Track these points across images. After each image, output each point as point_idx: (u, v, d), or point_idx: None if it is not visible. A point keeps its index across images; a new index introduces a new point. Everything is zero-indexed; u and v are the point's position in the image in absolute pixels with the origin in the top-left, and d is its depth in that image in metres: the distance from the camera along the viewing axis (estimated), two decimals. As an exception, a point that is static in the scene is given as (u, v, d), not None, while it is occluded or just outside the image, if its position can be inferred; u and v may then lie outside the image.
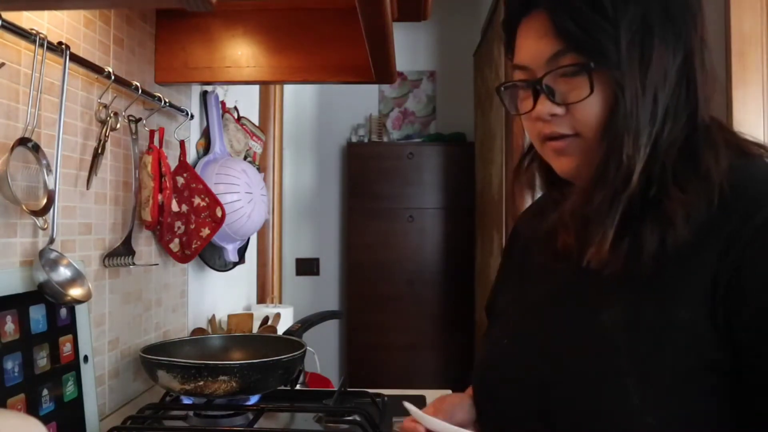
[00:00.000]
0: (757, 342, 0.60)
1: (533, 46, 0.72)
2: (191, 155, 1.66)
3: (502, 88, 0.77)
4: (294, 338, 1.41)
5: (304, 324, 1.66)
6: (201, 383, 1.15)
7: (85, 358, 1.10)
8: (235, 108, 1.94)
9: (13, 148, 0.91)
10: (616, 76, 0.68)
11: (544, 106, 0.72)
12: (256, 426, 1.15)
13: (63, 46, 1.01)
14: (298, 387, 1.52)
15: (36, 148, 0.96)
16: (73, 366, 1.07)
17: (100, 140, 1.18)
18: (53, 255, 1.00)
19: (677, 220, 0.65)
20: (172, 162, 1.47)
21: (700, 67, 0.70)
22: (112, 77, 1.14)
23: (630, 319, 0.66)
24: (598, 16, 0.68)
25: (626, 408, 0.63)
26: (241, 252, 1.90)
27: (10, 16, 0.90)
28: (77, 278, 1.03)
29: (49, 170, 0.98)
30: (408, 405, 0.80)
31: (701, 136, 0.69)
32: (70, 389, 1.05)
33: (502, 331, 0.84)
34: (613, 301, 0.68)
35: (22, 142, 0.93)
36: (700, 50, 0.71)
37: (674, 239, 0.65)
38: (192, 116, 1.57)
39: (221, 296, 1.99)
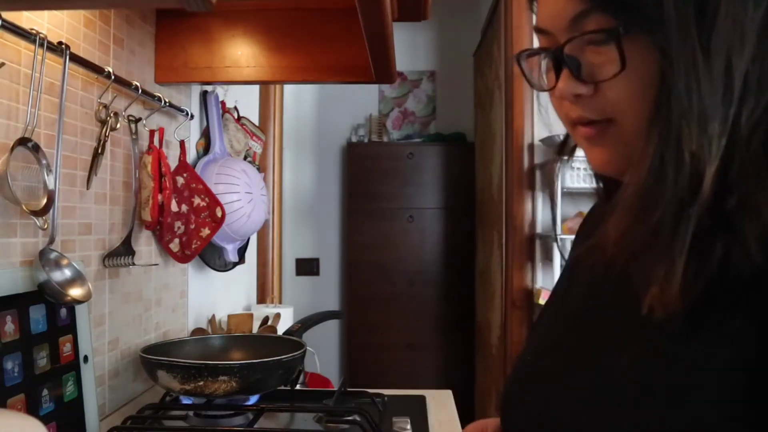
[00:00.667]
0: None
1: (552, 4, 0.54)
2: (191, 155, 1.66)
3: (522, 57, 0.59)
4: (294, 338, 1.41)
5: (304, 324, 1.66)
6: (201, 383, 1.15)
7: (85, 358, 1.10)
8: (235, 108, 1.94)
9: (13, 148, 0.91)
10: (660, 42, 0.48)
11: (567, 84, 0.54)
12: (256, 426, 1.15)
13: (63, 46, 1.01)
14: (298, 387, 1.52)
15: (36, 148, 0.96)
16: (73, 366, 1.07)
17: (100, 140, 1.18)
18: (53, 255, 1.00)
19: (751, 242, 0.45)
20: (172, 162, 1.47)
21: None
22: (112, 77, 1.14)
23: (646, 368, 0.48)
24: None
25: None
26: (241, 252, 1.90)
27: (10, 16, 0.90)
28: (77, 278, 1.03)
29: (49, 170, 0.98)
30: None
31: None
32: (70, 389, 1.05)
33: (527, 346, 0.69)
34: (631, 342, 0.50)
35: (22, 142, 0.93)
36: None
37: (742, 268, 0.45)
38: (192, 116, 1.57)
39: (221, 296, 1.99)
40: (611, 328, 0.54)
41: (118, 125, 1.23)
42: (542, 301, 2.36)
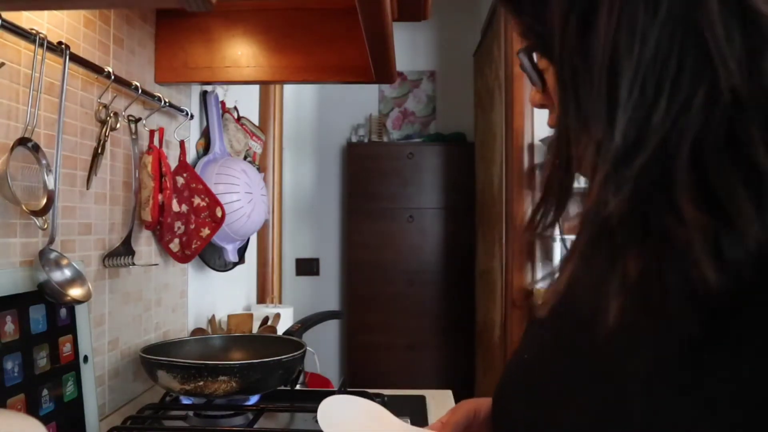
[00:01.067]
0: None
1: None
2: (191, 155, 1.66)
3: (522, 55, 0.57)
4: (294, 338, 1.41)
5: (304, 324, 1.66)
6: (201, 383, 1.15)
7: (85, 358, 1.10)
8: (235, 108, 1.94)
9: (13, 148, 0.91)
10: (548, 55, 0.50)
11: (531, 95, 0.59)
12: (256, 426, 1.15)
13: (63, 46, 1.01)
14: (298, 387, 1.52)
15: (36, 148, 0.96)
16: (73, 366, 1.07)
17: (100, 140, 1.18)
18: (53, 255, 1.00)
19: (697, 254, 0.39)
20: (172, 162, 1.47)
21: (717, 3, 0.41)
22: (112, 77, 1.14)
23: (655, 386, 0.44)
24: None
25: None
26: (241, 252, 1.90)
27: (10, 16, 0.90)
28: (77, 278, 1.03)
29: (49, 170, 0.98)
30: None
31: (736, 116, 0.40)
32: (69, 389, 1.05)
33: (523, 345, 0.68)
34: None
35: (22, 142, 0.93)
36: None
37: (700, 286, 0.39)
38: (192, 116, 1.57)
39: (221, 296, 1.99)
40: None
41: (118, 125, 1.23)
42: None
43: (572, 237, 0.50)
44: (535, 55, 0.54)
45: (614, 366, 0.45)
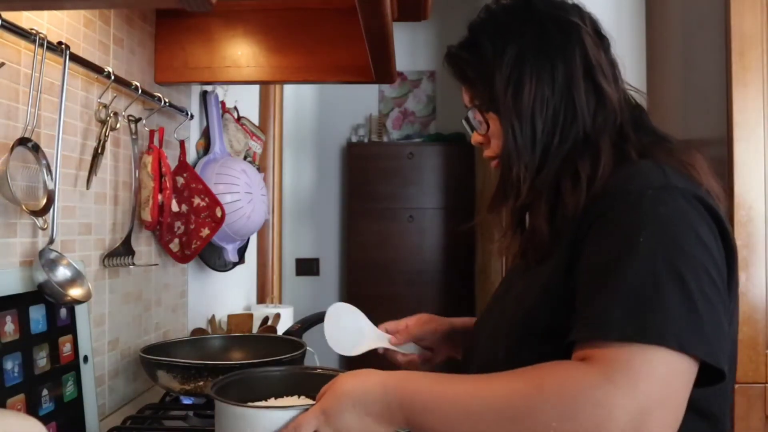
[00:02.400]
0: (581, 284, 0.76)
1: (463, 91, 0.98)
2: (191, 155, 1.66)
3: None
4: (294, 338, 1.41)
5: (304, 324, 1.66)
6: (201, 383, 1.15)
7: (85, 359, 1.10)
8: (235, 108, 1.94)
9: (12, 148, 0.91)
10: (496, 111, 0.88)
11: (473, 136, 0.97)
12: (256, 426, 1.15)
13: (63, 46, 1.01)
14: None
15: (36, 148, 0.96)
16: (73, 366, 1.07)
17: (99, 140, 1.18)
18: (53, 255, 1.00)
19: (569, 209, 0.80)
20: (172, 162, 1.47)
21: (584, 81, 0.85)
22: (112, 77, 1.14)
23: (519, 292, 0.88)
24: (481, 65, 0.89)
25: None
26: (241, 252, 1.90)
27: (10, 16, 0.90)
28: (77, 278, 1.03)
29: (48, 170, 0.98)
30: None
31: (587, 147, 0.83)
32: (69, 389, 1.05)
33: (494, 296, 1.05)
34: (517, 280, 0.91)
35: (22, 142, 0.93)
36: (584, 66, 0.85)
37: (561, 229, 0.81)
38: (192, 116, 1.57)
39: (221, 296, 1.99)
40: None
41: (118, 125, 1.23)
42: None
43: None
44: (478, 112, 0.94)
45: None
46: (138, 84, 1.24)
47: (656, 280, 0.68)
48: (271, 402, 0.90)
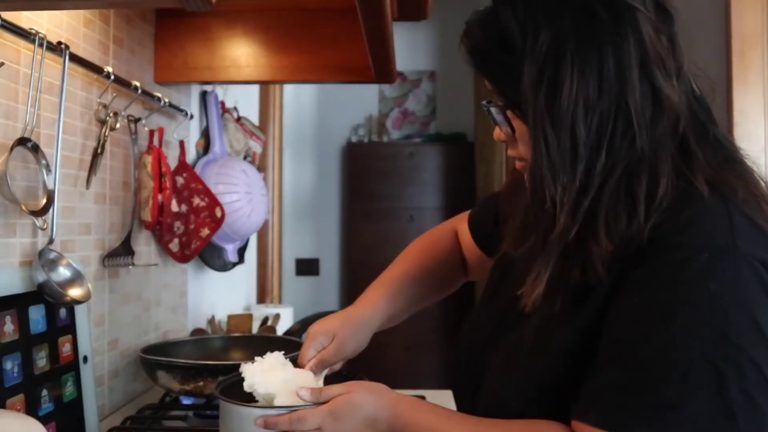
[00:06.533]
0: (604, 348, 0.65)
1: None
2: (191, 155, 1.66)
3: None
4: (294, 338, 1.41)
5: (304, 324, 1.66)
6: (201, 383, 1.15)
7: (85, 359, 1.10)
8: (235, 108, 1.94)
9: (12, 148, 0.91)
10: (523, 116, 0.69)
11: (495, 132, 0.77)
12: (255, 426, 1.15)
13: (62, 46, 1.01)
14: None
15: (35, 148, 0.95)
16: (73, 366, 1.06)
17: (99, 140, 1.18)
18: (53, 255, 1.00)
19: (599, 268, 0.65)
20: (172, 162, 1.47)
21: (640, 79, 0.65)
22: (112, 77, 1.14)
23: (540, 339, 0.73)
24: (504, 54, 0.68)
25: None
26: (241, 252, 1.90)
27: (10, 15, 0.90)
28: (77, 278, 1.03)
29: (48, 170, 0.97)
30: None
31: (643, 168, 0.65)
32: (69, 389, 1.05)
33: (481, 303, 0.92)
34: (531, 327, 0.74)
35: (22, 142, 0.93)
36: (640, 59, 0.65)
37: (592, 280, 0.67)
38: (191, 116, 1.57)
39: (221, 296, 1.99)
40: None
41: (118, 125, 1.22)
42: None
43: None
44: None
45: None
46: (138, 84, 1.24)
47: (685, 373, 0.59)
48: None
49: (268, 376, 0.85)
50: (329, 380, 0.92)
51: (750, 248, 0.62)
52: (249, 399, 0.85)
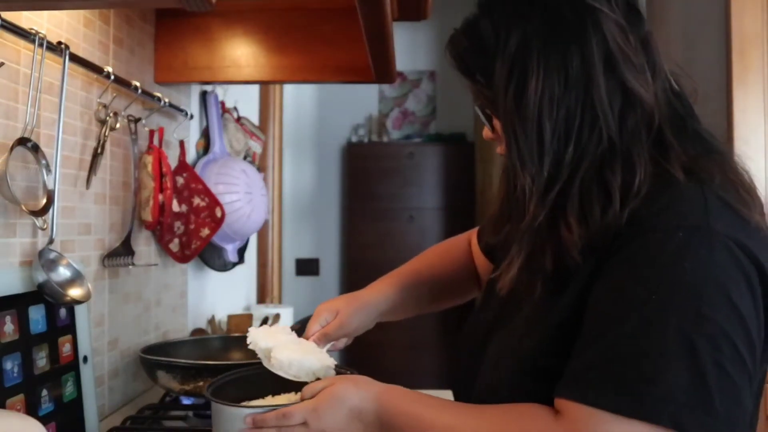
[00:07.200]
0: (587, 327, 0.68)
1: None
2: (191, 155, 1.66)
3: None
4: (294, 338, 1.41)
5: (304, 324, 1.66)
6: (201, 383, 1.14)
7: (85, 359, 1.10)
8: (235, 108, 1.94)
9: (12, 148, 0.91)
10: (497, 113, 0.75)
11: (484, 131, 0.83)
12: (255, 426, 1.15)
13: (62, 46, 1.01)
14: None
15: (35, 148, 0.95)
16: (73, 366, 1.06)
17: (99, 140, 1.18)
18: (52, 255, 1.00)
19: (574, 255, 0.68)
20: (172, 162, 1.47)
21: (606, 76, 0.68)
22: (112, 77, 1.14)
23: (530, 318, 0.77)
24: (482, 56, 0.74)
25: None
26: (241, 252, 1.90)
27: (10, 15, 0.90)
28: (76, 278, 1.03)
29: (48, 170, 0.97)
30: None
31: (616, 159, 0.68)
32: (69, 389, 1.05)
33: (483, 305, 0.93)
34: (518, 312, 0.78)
35: (22, 142, 0.93)
36: (605, 57, 0.69)
37: (572, 267, 0.69)
38: (191, 116, 1.57)
39: (221, 296, 1.99)
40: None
41: (118, 125, 1.22)
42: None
43: None
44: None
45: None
46: (138, 84, 1.24)
47: (661, 347, 0.61)
48: (268, 400, 0.91)
49: (270, 335, 0.90)
50: None
51: (724, 228, 0.64)
52: (240, 400, 0.87)
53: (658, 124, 0.70)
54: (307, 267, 3.99)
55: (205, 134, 1.74)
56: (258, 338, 0.89)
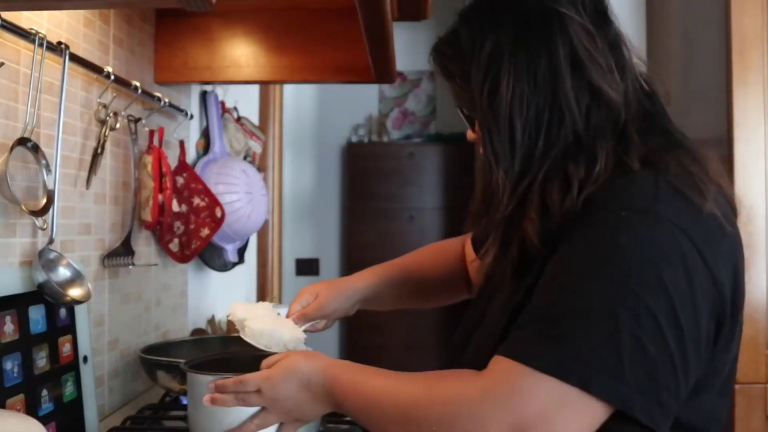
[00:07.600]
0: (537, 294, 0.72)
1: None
2: (191, 155, 1.66)
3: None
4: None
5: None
6: (201, 383, 1.14)
7: (85, 359, 1.10)
8: (235, 108, 1.94)
9: (12, 148, 0.91)
10: (473, 112, 0.81)
11: (468, 133, 0.88)
12: (255, 426, 1.15)
13: (62, 46, 1.01)
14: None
15: (35, 148, 0.95)
16: (73, 366, 1.07)
17: (99, 140, 1.18)
18: (52, 255, 1.00)
19: (535, 241, 0.75)
20: (172, 162, 1.47)
21: (572, 77, 0.74)
22: (112, 77, 1.14)
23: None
24: (461, 62, 0.80)
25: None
26: (241, 252, 1.90)
27: (10, 15, 0.90)
28: (76, 278, 1.03)
29: (48, 170, 0.97)
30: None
31: (581, 152, 0.74)
32: (69, 390, 1.05)
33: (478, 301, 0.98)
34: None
35: (22, 142, 0.93)
36: (571, 59, 0.74)
37: (533, 253, 0.75)
38: (191, 116, 1.57)
39: (221, 296, 1.99)
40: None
41: (118, 125, 1.22)
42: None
43: None
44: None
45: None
46: (138, 84, 1.24)
47: (584, 312, 0.66)
48: None
49: (250, 309, 1.01)
50: None
51: (671, 214, 0.68)
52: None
53: (624, 121, 0.75)
54: (307, 267, 3.99)
55: (205, 134, 1.74)
56: (237, 310, 1.00)
